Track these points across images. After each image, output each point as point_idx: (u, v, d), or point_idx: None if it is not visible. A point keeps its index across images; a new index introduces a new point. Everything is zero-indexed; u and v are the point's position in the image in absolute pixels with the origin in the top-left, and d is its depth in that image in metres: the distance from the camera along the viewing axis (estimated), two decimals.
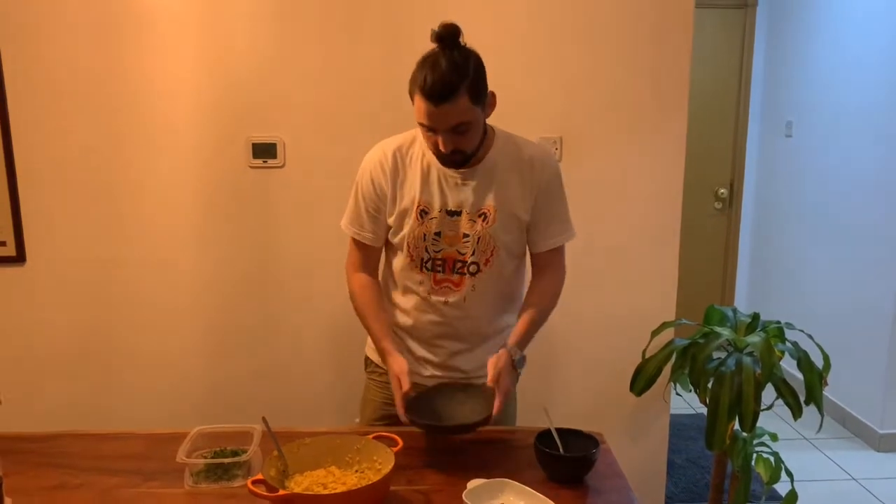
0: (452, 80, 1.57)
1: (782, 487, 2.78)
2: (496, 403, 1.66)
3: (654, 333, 2.51)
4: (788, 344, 2.40)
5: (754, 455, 2.47)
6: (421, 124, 1.65)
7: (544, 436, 1.66)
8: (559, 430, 1.67)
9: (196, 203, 2.50)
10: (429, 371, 1.89)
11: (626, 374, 2.52)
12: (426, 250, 1.78)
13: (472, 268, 1.79)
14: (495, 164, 1.75)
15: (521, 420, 1.82)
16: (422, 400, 1.72)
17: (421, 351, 1.89)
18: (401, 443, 1.55)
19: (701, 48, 4.35)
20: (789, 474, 2.45)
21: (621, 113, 2.54)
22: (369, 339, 1.96)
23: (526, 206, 1.78)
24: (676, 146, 2.57)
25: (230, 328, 2.60)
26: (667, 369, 2.49)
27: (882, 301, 3.61)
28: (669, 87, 2.53)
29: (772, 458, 2.47)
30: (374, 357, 1.94)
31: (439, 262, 1.79)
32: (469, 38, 2.43)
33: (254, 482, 1.37)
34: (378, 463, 1.50)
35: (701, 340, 2.40)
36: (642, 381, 2.46)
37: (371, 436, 1.57)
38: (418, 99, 1.60)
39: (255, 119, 2.46)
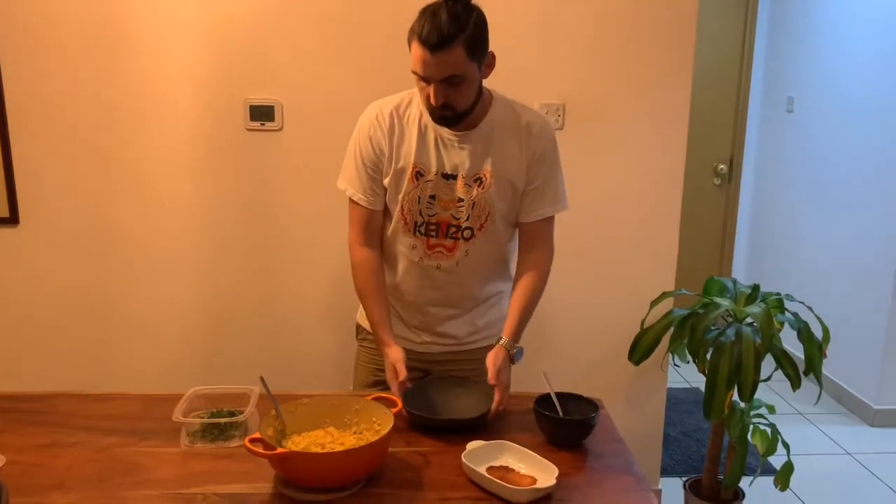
0: (450, 30, 1.53)
1: (777, 462, 2.78)
2: (496, 399, 1.65)
3: (654, 303, 2.50)
4: (789, 314, 2.39)
5: (751, 427, 2.47)
6: (415, 73, 1.60)
7: (543, 400, 1.65)
8: (558, 395, 1.66)
9: (192, 165, 2.47)
10: (420, 338, 1.87)
11: (625, 343, 2.51)
12: (420, 213, 1.74)
13: (467, 233, 1.76)
14: (493, 128, 1.72)
15: (521, 385, 1.80)
16: (419, 392, 1.70)
17: (411, 317, 1.87)
18: (400, 404, 1.53)
19: (704, 22, 4.26)
20: (786, 446, 2.45)
21: (625, 82, 2.50)
22: (361, 307, 1.94)
23: (522, 174, 1.75)
24: (679, 117, 2.54)
25: (227, 291, 2.58)
26: (665, 339, 2.48)
27: (879, 278, 3.61)
28: (674, 58, 2.50)
29: (768, 430, 2.47)
30: (365, 324, 1.92)
31: (433, 227, 1.75)
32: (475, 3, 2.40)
33: (251, 441, 1.35)
34: (377, 424, 1.49)
35: (701, 311, 2.39)
36: (641, 350, 2.46)
37: (370, 397, 1.55)
38: (415, 46, 1.56)
39: (252, 80, 2.42)
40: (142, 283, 2.55)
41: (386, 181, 1.75)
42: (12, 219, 2.44)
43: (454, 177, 1.72)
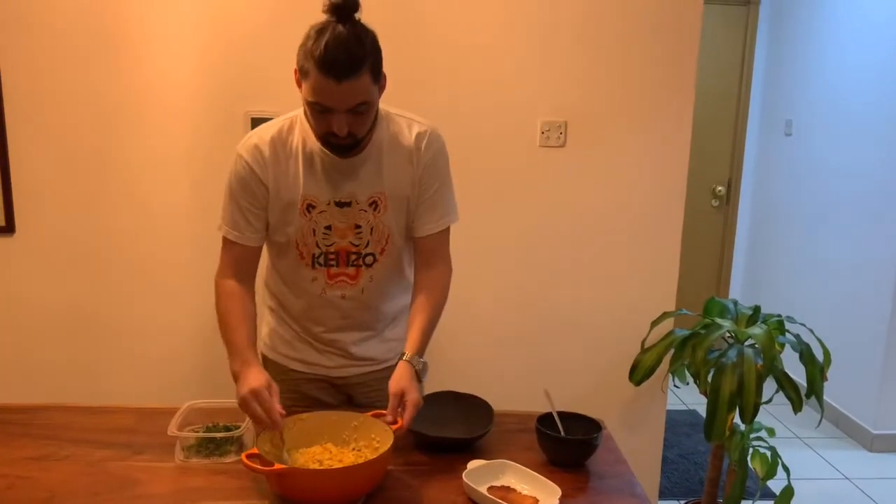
0: (357, 54, 1.39)
1: (776, 486, 2.75)
2: (406, 418, 1.48)
3: (654, 324, 2.48)
4: (790, 336, 2.37)
5: (750, 450, 2.44)
6: (314, 104, 1.45)
7: (545, 419, 1.62)
8: (560, 414, 1.63)
9: (191, 178, 2.45)
10: (333, 361, 1.77)
11: (625, 363, 2.49)
12: (317, 245, 1.63)
13: (369, 259, 1.66)
14: (381, 147, 1.60)
15: (522, 404, 1.78)
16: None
17: (323, 345, 1.77)
18: (400, 421, 1.50)
19: (703, 45, 4.29)
20: (786, 469, 2.43)
21: (628, 101, 2.50)
22: (265, 337, 1.83)
23: (414, 183, 1.65)
24: (681, 136, 2.54)
25: None
26: (666, 360, 2.46)
27: (878, 301, 3.60)
28: (676, 78, 2.50)
29: (768, 453, 2.44)
30: (270, 354, 1.82)
31: (332, 256, 1.64)
32: (476, 19, 2.41)
33: (248, 456, 1.32)
34: (376, 441, 1.46)
35: (702, 331, 2.37)
36: (641, 370, 2.43)
37: (369, 413, 1.53)
38: (316, 75, 1.40)
39: (254, 93, 2.40)
40: (138, 295, 2.52)
41: (271, 216, 1.62)
42: (8, 228, 2.42)
43: (348, 203, 1.60)
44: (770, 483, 2.54)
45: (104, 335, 2.53)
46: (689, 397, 4.11)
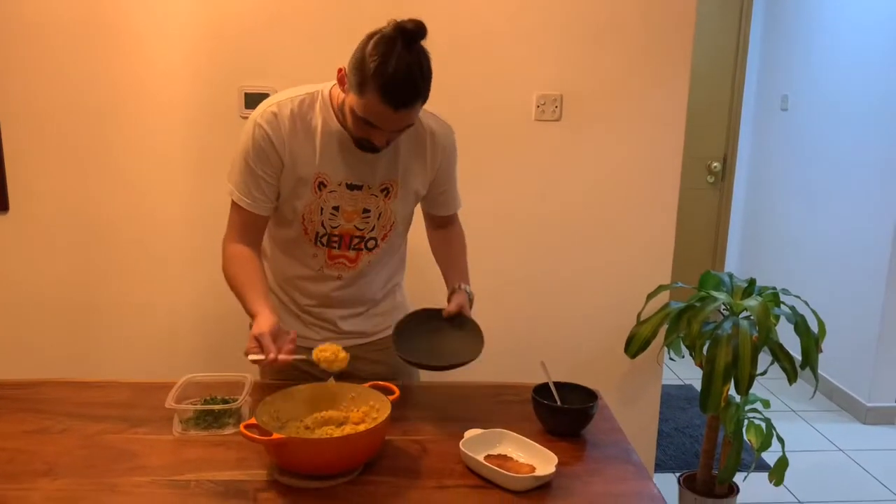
0: (420, 86, 1.42)
1: (770, 458, 2.77)
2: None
3: (650, 296, 2.48)
4: (785, 308, 2.38)
5: (745, 422, 2.46)
6: (361, 118, 1.46)
7: (541, 389, 1.63)
8: (556, 385, 1.64)
9: (185, 152, 2.44)
10: (321, 335, 1.78)
11: (621, 336, 2.50)
12: (322, 225, 1.65)
13: (370, 244, 1.69)
14: (400, 136, 1.60)
15: (518, 375, 1.78)
16: (407, 332, 1.66)
17: (311, 318, 1.79)
18: (397, 392, 1.51)
19: (699, 20, 4.27)
20: (780, 441, 2.45)
21: (624, 74, 2.49)
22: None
23: (425, 180, 1.70)
24: (677, 109, 2.53)
25: (220, 280, 2.53)
26: (661, 333, 2.47)
27: (872, 275, 3.61)
28: (672, 52, 2.48)
29: (763, 425, 2.46)
30: None
31: (335, 238, 1.67)
32: None
33: (246, 426, 1.33)
34: (374, 411, 1.46)
35: (697, 304, 2.38)
36: (637, 343, 2.44)
37: (367, 384, 1.53)
38: (374, 98, 1.41)
39: (248, 68, 2.38)
40: (133, 274, 2.51)
41: (282, 188, 1.63)
42: (2, 205, 2.40)
43: (360, 187, 1.62)
44: (764, 455, 2.57)
45: (99, 314, 2.52)
46: (685, 372, 4.14)
